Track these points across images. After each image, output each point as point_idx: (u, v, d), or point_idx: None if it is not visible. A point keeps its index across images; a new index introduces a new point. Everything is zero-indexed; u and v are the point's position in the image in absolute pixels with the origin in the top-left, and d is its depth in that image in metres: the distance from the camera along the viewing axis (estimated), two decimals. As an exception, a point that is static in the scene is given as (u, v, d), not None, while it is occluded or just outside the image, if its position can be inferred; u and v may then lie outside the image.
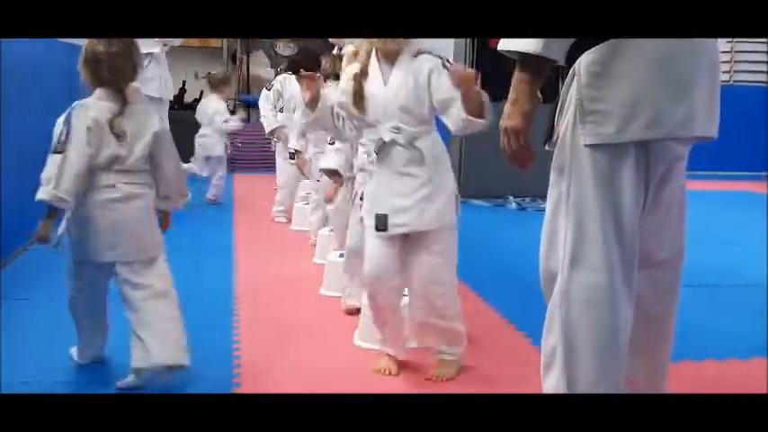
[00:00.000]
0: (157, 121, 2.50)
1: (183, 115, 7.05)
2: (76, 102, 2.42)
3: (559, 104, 1.84)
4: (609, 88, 1.72)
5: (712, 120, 1.81)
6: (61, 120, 2.36)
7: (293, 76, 4.92)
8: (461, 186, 6.53)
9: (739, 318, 3.37)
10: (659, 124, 1.71)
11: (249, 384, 2.51)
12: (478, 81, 2.39)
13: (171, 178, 2.52)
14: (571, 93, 1.79)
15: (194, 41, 8.69)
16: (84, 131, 2.33)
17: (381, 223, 2.52)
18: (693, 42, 1.74)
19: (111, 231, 2.40)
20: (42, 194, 2.28)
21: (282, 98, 5.56)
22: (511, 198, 6.43)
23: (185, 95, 8.41)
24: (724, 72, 9.74)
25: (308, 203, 4.97)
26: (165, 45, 5.12)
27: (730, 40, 9.70)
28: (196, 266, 3.99)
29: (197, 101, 8.59)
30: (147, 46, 4.39)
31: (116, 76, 2.41)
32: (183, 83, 8.32)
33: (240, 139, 8.25)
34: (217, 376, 2.55)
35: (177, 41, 5.28)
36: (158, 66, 5.07)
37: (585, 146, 1.76)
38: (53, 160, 2.30)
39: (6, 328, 2.94)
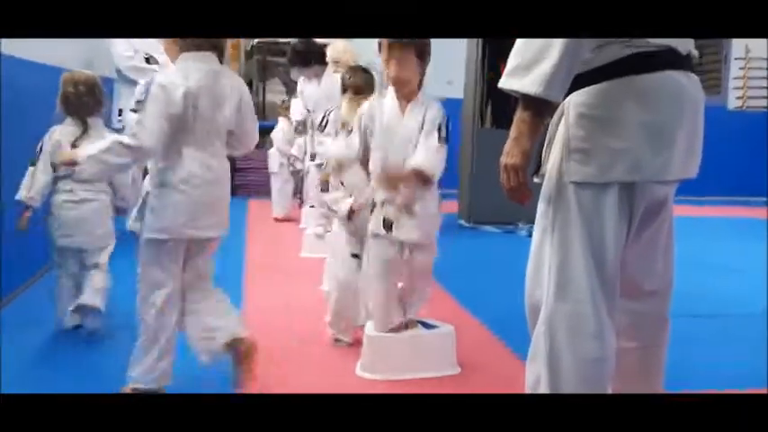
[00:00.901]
0: None
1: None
2: (52, 127, 3.25)
3: (547, 139, 1.91)
4: (594, 131, 1.79)
5: (693, 161, 1.89)
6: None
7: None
8: (471, 213, 6.66)
9: (739, 347, 3.38)
10: (640, 169, 1.78)
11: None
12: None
13: (124, 187, 3.42)
14: (560, 129, 1.85)
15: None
16: (49, 151, 3.19)
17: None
18: (679, 85, 1.80)
19: (71, 225, 3.28)
20: (19, 196, 3.20)
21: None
22: (521, 224, 6.52)
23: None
24: (737, 98, 9.77)
25: (320, 232, 5.04)
26: None
27: (743, 66, 9.72)
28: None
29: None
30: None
31: (81, 110, 3.28)
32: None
33: (253, 165, 8.39)
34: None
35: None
36: None
37: (570, 182, 1.82)
38: (29, 171, 3.22)
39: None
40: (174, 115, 2.42)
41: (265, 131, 9.12)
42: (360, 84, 3.59)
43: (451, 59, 7.23)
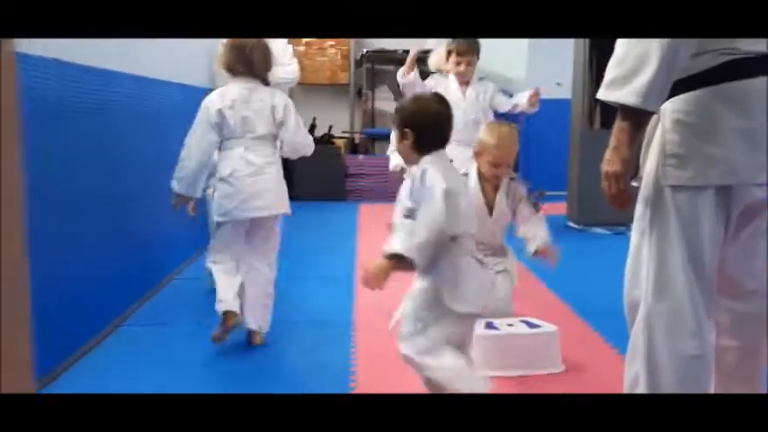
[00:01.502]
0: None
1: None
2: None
3: (644, 144, 1.98)
4: (690, 137, 1.84)
5: None
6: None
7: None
8: (580, 214, 6.61)
9: None
10: (736, 173, 1.82)
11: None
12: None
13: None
14: (656, 135, 1.92)
15: (323, 79, 9.19)
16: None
17: None
18: None
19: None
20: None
21: None
22: (632, 226, 6.35)
23: (315, 131, 8.90)
24: None
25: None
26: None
27: None
28: (320, 293, 4.29)
29: (326, 135, 9.07)
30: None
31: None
32: (314, 119, 8.80)
33: (363, 171, 8.65)
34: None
35: (294, 80, 5.44)
36: None
37: (667, 186, 1.88)
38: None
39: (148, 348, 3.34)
40: (211, 124, 3.21)
41: (374, 138, 9.42)
42: None
43: (560, 61, 7.23)
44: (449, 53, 4.48)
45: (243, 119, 3.23)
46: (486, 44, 4.55)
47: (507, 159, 3.49)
